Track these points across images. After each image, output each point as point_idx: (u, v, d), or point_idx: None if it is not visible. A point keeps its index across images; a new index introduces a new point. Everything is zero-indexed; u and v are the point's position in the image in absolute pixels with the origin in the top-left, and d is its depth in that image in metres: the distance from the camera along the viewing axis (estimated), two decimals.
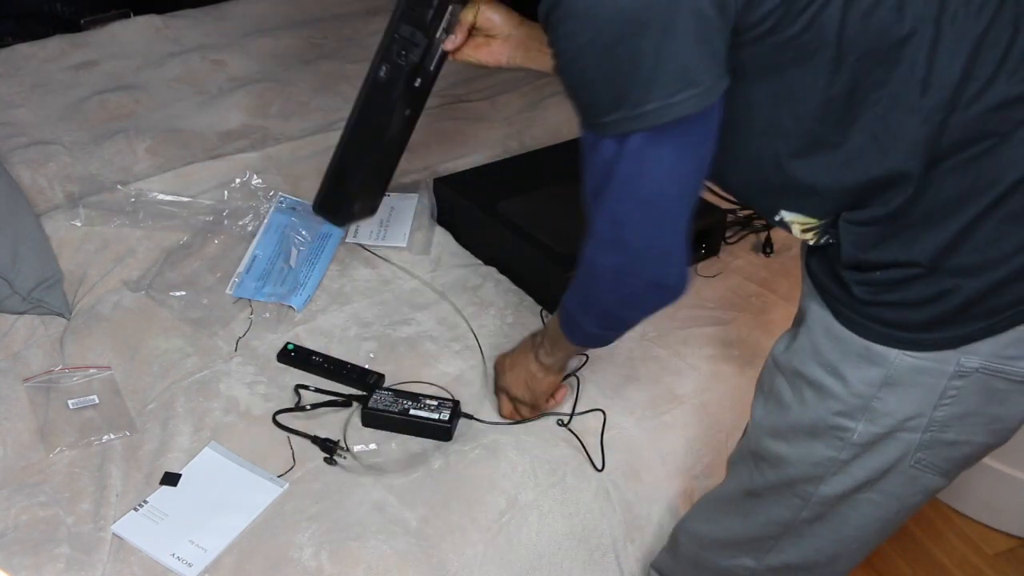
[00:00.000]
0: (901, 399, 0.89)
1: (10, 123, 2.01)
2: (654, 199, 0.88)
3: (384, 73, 1.17)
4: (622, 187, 0.86)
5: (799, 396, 0.96)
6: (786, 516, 1.04)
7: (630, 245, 0.92)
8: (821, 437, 0.95)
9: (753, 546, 1.11)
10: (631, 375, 1.46)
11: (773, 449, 1.01)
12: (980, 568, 1.78)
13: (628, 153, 0.83)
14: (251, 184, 1.76)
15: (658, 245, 0.92)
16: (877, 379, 0.89)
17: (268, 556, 1.16)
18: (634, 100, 0.79)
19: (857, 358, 0.90)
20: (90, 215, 1.69)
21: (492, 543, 1.21)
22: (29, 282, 1.49)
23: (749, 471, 1.07)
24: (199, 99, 2.17)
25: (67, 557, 1.14)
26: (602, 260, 0.95)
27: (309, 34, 2.52)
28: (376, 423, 1.33)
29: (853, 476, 0.96)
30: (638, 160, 0.84)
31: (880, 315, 0.88)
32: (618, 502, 1.30)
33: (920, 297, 0.85)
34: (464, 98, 2.23)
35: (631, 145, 0.83)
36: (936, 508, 1.88)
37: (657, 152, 0.84)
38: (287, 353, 1.44)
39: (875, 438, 0.92)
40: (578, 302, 1.07)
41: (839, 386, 0.92)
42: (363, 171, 1.23)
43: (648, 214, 0.89)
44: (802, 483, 1.00)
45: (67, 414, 1.33)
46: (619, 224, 0.90)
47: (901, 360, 0.88)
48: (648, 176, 0.86)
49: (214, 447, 1.29)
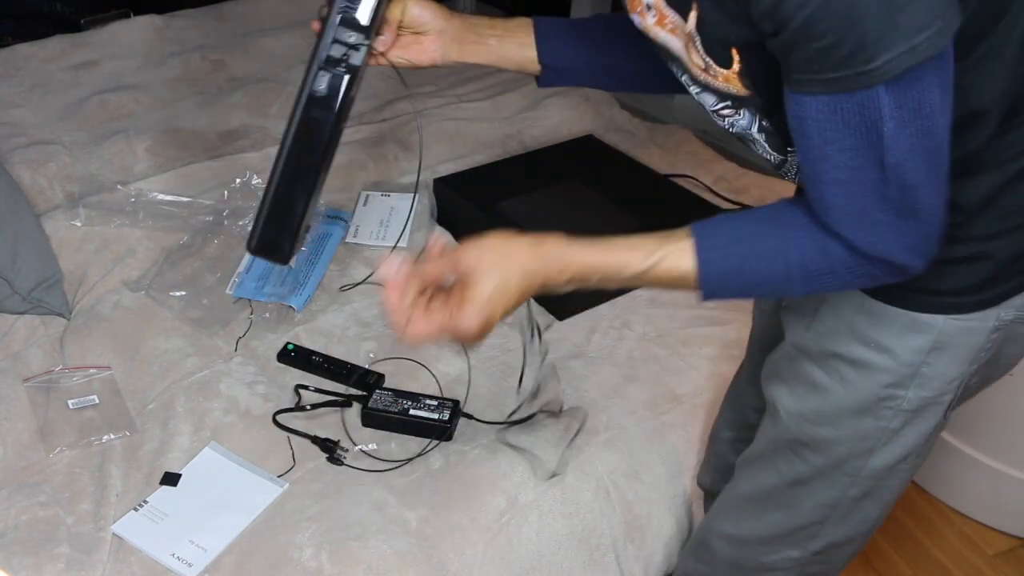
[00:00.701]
0: (948, 361, 0.90)
1: (10, 123, 2.01)
2: (937, 147, 0.75)
3: (324, 84, 1.11)
4: (906, 134, 0.72)
5: (838, 376, 0.95)
6: (834, 496, 1.03)
7: (922, 210, 0.77)
8: (870, 412, 0.95)
9: (798, 535, 1.09)
10: (631, 375, 1.46)
11: (818, 434, 0.99)
12: (980, 568, 1.78)
13: (908, 91, 0.70)
14: (251, 184, 1.76)
15: (942, 205, 0.78)
16: (926, 346, 0.90)
17: (268, 556, 1.16)
18: (912, 27, 0.67)
19: (902, 329, 0.90)
20: (90, 215, 1.69)
21: (492, 543, 1.21)
22: (29, 282, 1.49)
23: (788, 462, 1.04)
24: (199, 99, 2.17)
25: (67, 557, 1.14)
26: (869, 234, 0.78)
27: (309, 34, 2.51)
28: (376, 423, 1.33)
29: (902, 445, 0.96)
30: (915, 102, 0.71)
31: (926, 284, 0.87)
32: (618, 502, 1.30)
33: (968, 253, 0.86)
34: (464, 98, 2.23)
35: (903, 86, 0.70)
36: (936, 508, 1.88)
37: (929, 89, 0.71)
38: (287, 353, 1.44)
39: (924, 402, 0.93)
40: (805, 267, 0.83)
41: (886, 359, 0.91)
42: (308, 197, 1.14)
43: (936, 170, 0.76)
44: (852, 459, 0.99)
45: (67, 414, 1.33)
46: (909, 190, 0.75)
47: (948, 324, 0.88)
48: (930, 120, 0.72)
49: (214, 447, 1.29)
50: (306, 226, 1.14)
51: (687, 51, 0.83)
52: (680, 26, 0.82)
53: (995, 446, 1.77)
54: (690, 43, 0.81)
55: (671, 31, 0.84)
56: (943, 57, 0.70)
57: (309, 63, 1.09)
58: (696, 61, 0.83)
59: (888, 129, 0.71)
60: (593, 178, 1.83)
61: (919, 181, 0.75)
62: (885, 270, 0.81)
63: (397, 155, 1.97)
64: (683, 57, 0.85)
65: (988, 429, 1.75)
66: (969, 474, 1.82)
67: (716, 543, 1.19)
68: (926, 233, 0.79)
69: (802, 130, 0.75)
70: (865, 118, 0.71)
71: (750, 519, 1.13)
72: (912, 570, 1.77)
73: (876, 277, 0.82)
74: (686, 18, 0.80)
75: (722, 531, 1.18)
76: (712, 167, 2.02)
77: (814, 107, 0.72)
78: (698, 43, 0.80)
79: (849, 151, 0.74)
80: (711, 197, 1.88)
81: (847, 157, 0.74)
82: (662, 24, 0.84)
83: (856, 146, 0.73)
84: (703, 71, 0.83)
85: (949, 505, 1.89)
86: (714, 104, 0.88)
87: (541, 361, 1.44)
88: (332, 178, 1.96)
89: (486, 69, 1.19)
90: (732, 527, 1.16)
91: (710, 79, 0.83)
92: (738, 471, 1.15)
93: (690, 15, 0.79)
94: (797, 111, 0.74)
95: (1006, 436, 1.74)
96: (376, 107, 2.16)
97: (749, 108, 0.87)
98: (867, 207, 0.76)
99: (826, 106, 0.72)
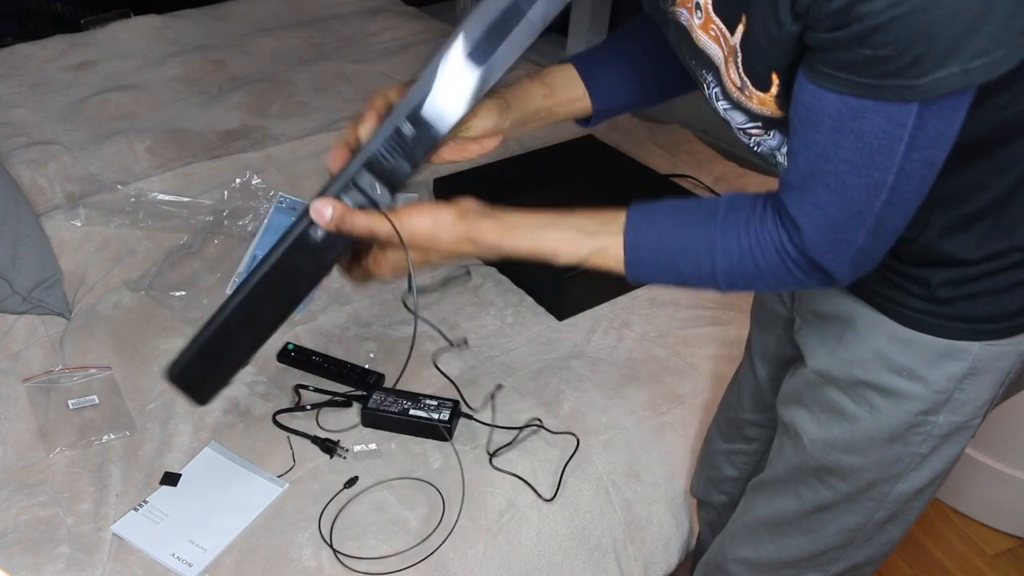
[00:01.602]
0: (981, 386, 0.90)
1: (10, 123, 2.01)
2: (932, 176, 0.74)
3: (321, 232, 0.87)
4: (914, 158, 0.71)
5: (867, 405, 0.94)
6: (858, 521, 1.01)
7: (886, 230, 0.77)
8: (900, 439, 0.93)
9: (820, 559, 1.07)
10: (631, 375, 1.46)
11: (844, 461, 0.97)
12: (980, 568, 1.78)
13: (938, 115, 0.68)
14: (251, 184, 1.76)
15: (902, 228, 0.78)
16: (960, 372, 0.89)
17: (268, 556, 1.16)
18: (973, 51, 0.64)
19: (937, 357, 0.88)
20: (90, 215, 1.69)
21: (492, 543, 1.21)
22: (29, 282, 1.49)
23: (812, 488, 1.02)
24: (199, 99, 2.17)
25: (67, 557, 1.14)
26: (829, 247, 0.77)
27: (309, 34, 2.52)
28: (376, 423, 1.33)
29: (931, 469, 0.95)
30: (938, 130, 0.70)
31: (963, 312, 0.86)
32: (618, 502, 1.30)
33: (1009, 282, 0.85)
34: None
35: (935, 110, 0.68)
36: (936, 508, 1.88)
37: (955, 121, 0.70)
38: (287, 353, 1.44)
39: (954, 428, 0.92)
40: (730, 273, 0.83)
41: (918, 387, 0.90)
42: (253, 348, 0.94)
43: (920, 198, 0.75)
44: (879, 485, 0.97)
45: (67, 414, 1.33)
46: (888, 208, 0.74)
47: (984, 351, 0.87)
48: (942, 151, 0.72)
49: (214, 447, 1.29)
50: (240, 369, 0.99)
51: (726, 65, 0.81)
52: (725, 36, 0.79)
53: (995, 447, 1.77)
54: (731, 57, 0.79)
55: (714, 38, 0.81)
56: (975, 88, 0.68)
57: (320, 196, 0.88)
58: (732, 78, 0.81)
59: (901, 149, 0.69)
60: (593, 178, 1.83)
61: (901, 203, 0.74)
62: (817, 279, 0.80)
63: None
64: (720, 68, 0.83)
65: (989, 430, 1.75)
66: (970, 474, 1.82)
67: (734, 568, 1.17)
68: (875, 251, 0.78)
69: (811, 122, 0.72)
70: (886, 132, 0.69)
71: (769, 544, 1.11)
72: (912, 570, 1.77)
73: (802, 284, 0.81)
74: (732, 31, 0.77)
75: (740, 556, 1.15)
76: (712, 167, 2.02)
77: (835, 105, 0.69)
78: (739, 60, 0.78)
79: (849, 164, 0.71)
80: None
81: (846, 168, 0.72)
82: (706, 28, 0.81)
83: (860, 162, 0.71)
84: (737, 89, 0.81)
85: (949, 505, 1.89)
86: (743, 123, 0.86)
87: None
88: None
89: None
90: (750, 552, 1.14)
91: (743, 99, 0.81)
92: (753, 494, 1.13)
93: (738, 28, 0.76)
94: (811, 102, 0.71)
95: (1006, 437, 1.74)
96: None
97: (780, 129, 0.85)
98: (841, 223, 0.75)
99: (849, 108, 0.69)
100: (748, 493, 1.14)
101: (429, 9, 2.98)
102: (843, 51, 0.67)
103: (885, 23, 0.63)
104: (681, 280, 0.84)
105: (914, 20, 0.63)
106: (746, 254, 0.80)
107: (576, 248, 0.85)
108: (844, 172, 0.72)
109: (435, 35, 2.56)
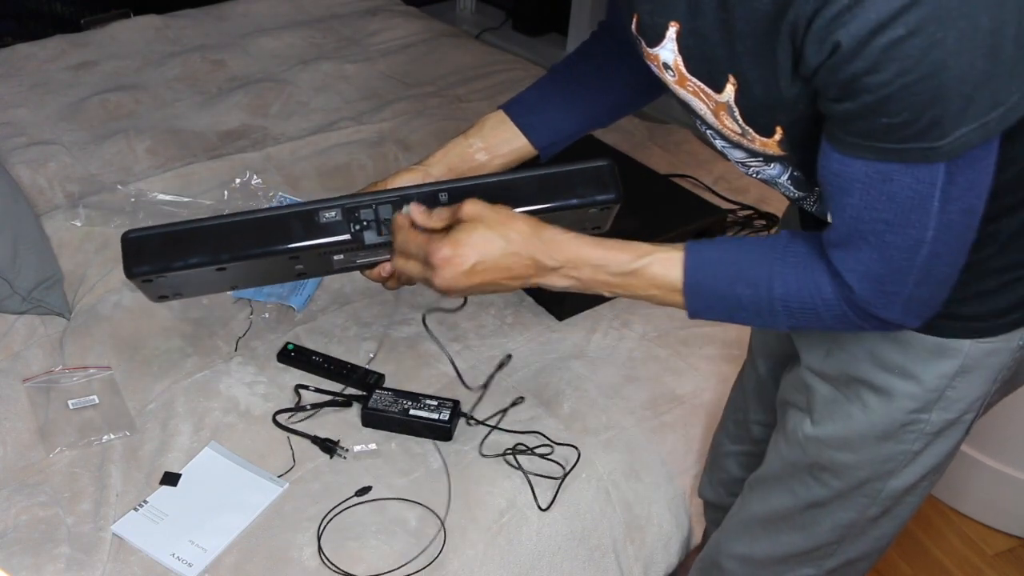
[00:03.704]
0: (972, 383, 0.90)
1: (10, 123, 2.01)
2: (974, 224, 0.73)
3: (331, 219, 0.93)
4: (950, 210, 0.71)
5: (860, 403, 0.94)
6: (852, 517, 1.02)
7: (936, 278, 0.76)
8: (893, 436, 0.94)
9: (814, 555, 1.08)
10: (631, 375, 1.46)
11: (837, 458, 0.97)
12: (980, 568, 1.78)
13: (966, 167, 0.69)
14: (251, 184, 1.76)
15: (957, 273, 0.77)
16: (951, 370, 0.89)
17: (268, 556, 1.16)
18: (987, 104, 0.65)
19: (928, 355, 0.89)
20: (90, 215, 1.69)
21: (492, 543, 1.21)
22: (29, 282, 1.49)
23: (805, 485, 1.02)
24: (199, 99, 2.17)
25: (67, 557, 1.14)
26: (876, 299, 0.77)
27: (309, 34, 2.52)
28: (376, 423, 1.33)
29: (923, 465, 0.95)
30: (969, 182, 0.70)
31: (953, 311, 0.86)
32: (618, 502, 1.30)
33: (998, 283, 0.85)
34: (464, 98, 2.23)
35: (962, 164, 0.68)
36: (936, 508, 1.88)
37: (985, 171, 0.70)
38: (287, 353, 1.44)
39: (946, 424, 0.92)
40: (788, 302, 0.81)
41: (911, 385, 0.90)
42: (209, 263, 0.93)
43: (966, 244, 0.75)
44: (872, 482, 0.98)
45: (67, 414, 1.33)
46: (934, 259, 0.74)
47: (975, 348, 0.88)
48: (979, 199, 0.72)
49: (214, 447, 1.29)
50: (178, 285, 0.96)
51: (716, 117, 0.81)
52: (707, 93, 0.79)
53: (995, 446, 1.77)
54: (723, 111, 0.79)
55: (693, 94, 0.81)
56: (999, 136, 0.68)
57: (349, 199, 0.94)
58: (730, 126, 0.81)
59: (935, 206, 0.70)
60: None
61: (946, 252, 0.74)
62: (874, 325, 0.80)
63: (397, 155, 1.97)
64: (708, 119, 0.83)
65: (988, 430, 1.75)
66: (969, 474, 1.82)
67: (729, 564, 1.17)
68: (931, 298, 0.78)
69: (842, 188, 0.72)
70: (917, 192, 0.69)
71: (764, 540, 1.11)
72: (912, 570, 1.77)
73: (861, 328, 0.81)
74: (719, 90, 0.77)
75: (735, 552, 1.16)
76: (712, 167, 2.02)
77: (862, 171, 0.70)
78: (736, 114, 0.78)
79: (886, 224, 0.72)
80: (711, 197, 1.88)
81: (883, 228, 0.72)
82: (683, 85, 0.81)
83: (896, 222, 0.71)
84: (738, 135, 0.81)
85: (949, 505, 1.89)
86: (742, 158, 0.87)
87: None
88: (333, 178, 1.97)
89: (486, 69, 1.18)
90: (745, 548, 1.14)
91: (745, 142, 0.81)
92: (749, 491, 1.14)
93: (726, 88, 0.76)
94: (840, 169, 0.71)
95: (1006, 437, 1.74)
96: (376, 107, 2.16)
97: (780, 162, 0.85)
98: (885, 277, 0.75)
99: (877, 173, 0.69)
100: (744, 489, 1.15)
101: (429, 9, 2.98)
102: (861, 121, 0.67)
103: (895, 92, 0.64)
104: (738, 303, 0.82)
105: (923, 87, 0.63)
106: (804, 286, 0.80)
107: (639, 255, 0.83)
108: (882, 231, 0.73)
109: (435, 35, 2.56)
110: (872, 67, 0.63)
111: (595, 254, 0.84)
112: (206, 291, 1.08)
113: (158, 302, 1.04)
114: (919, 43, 0.61)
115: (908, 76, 0.63)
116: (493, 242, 0.83)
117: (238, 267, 0.94)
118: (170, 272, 0.93)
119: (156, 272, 0.94)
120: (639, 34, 0.83)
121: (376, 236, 0.93)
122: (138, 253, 0.94)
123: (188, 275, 0.95)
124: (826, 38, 0.64)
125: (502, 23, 3.56)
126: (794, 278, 0.80)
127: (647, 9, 0.79)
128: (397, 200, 0.93)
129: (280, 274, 1.01)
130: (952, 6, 0.61)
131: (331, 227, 0.93)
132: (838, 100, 0.67)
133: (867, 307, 0.78)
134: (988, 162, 0.70)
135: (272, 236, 0.93)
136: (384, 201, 0.93)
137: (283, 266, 0.97)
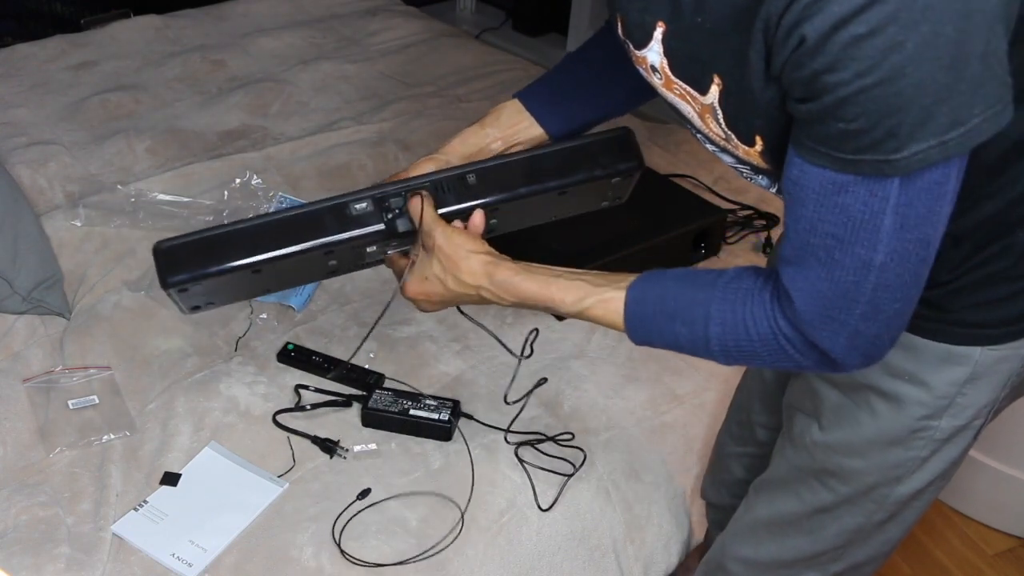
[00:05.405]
0: (982, 390, 0.90)
1: (10, 123, 2.01)
2: (928, 257, 0.71)
3: (362, 210, 0.94)
4: (905, 237, 0.69)
5: (869, 409, 0.94)
6: (858, 523, 1.01)
7: (885, 314, 0.74)
8: (901, 443, 0.93)
9: (820, 559, 1.07)
10: (631, 375, 1.46)
11: (845, 464, 0.97)
12: (980, 568, 1.78)
13: (924, 190, 0.67)
14: (251, 184, 1.76)
15: (907, 313, 0.75)
16: (961, 377, 0.89)
17: (268, 556, 1.16)
18: (947, 122, 0.63)
19: (938, 362, 0.89)
20: (90, 215, 1.69)
21: (492, 543, 1.21)
22: (29, 282, 1.49)
23: (812, 490, 1.02)
24: (199, 99, 2.17)
25: (67, 557, 1.14)
26: (821, 324, 0.75)
27: (309, 34, 2.52)
28: (376, 423, 1.33)
29: (931, 471, 0.95)
30: (926, 208, 0.68)
31: (963, 318, 0.86)
32: (618, 502, 1.30)
33: (1010, 291, 0.85)
34: (464, 98, 2.23)
35: (919, 187, 0.66)
36: (936, 508, 1.88)
37: (942, 198, 0.68)
38: (287, 353, 1.44)
39: (955, 431, 0.92)
40: (723, 341, 0.82)
41: (921, 392, 0.90)
42: (246, 268, 0.92)
43: (918, 280, 0.73)
44: (880, 487, 0.97)
45: (67, 414, 1.33)
46: (882, 290, 0.72)
47: (985, 355, 0.87)
48: (934, 229, 0.70)
49: (214, 447, 1.29)
50: (212, 292, 0.95)
51: (702, 120, 0.80)
52: (693, 95, 0.79)
53: (996, 447, 1.77)
54: (708, 114, 0.79)
55: (680, 97, 0.81)
56: (964, 159, 0.67)
57: (371, 192, 0.96)
58: (715, 130, 0.80)
59: (887, 225, 0.68)
60: None
61: (896, 285, 0.72)
62: (814, 359, 0.79)
63: (397, 155, 1.97)
64: (696, 123, 0.82)
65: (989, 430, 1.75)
66: (969, 475, 1.82)
67: (734, 567, 1.17)
68: (878, 338, 0.76)
69: (798, 196, 0.71)
70: (869, 207, 0.68)
71: (769, 544, 1.11)
72: (912, 570, 1.77)
73: (799, 364, 0.80)
74: (703, 91, 0.77)
75: (740, 555, 1.16)
76: (712, 167, 2.02)
77: (818, 179, 0.69)
78: (720, 117, 0.77)
79: (835, 239, 0.70)
80: (711, 197, 1.88)
81: (833, 243, 0.71)
82: (669, 88, 0.81)
83: (846, 238, 0.70)
84: (723, 140, 0.81)
85: (949, 505, 1.89)
86: (732, 163, 0.87)
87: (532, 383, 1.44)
88: (333, 178, 1.97)
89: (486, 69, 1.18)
90: (751, 551, 1.14)
91: (730, 147, 0.81)
92: (754, 495, 1.13)
93: (711, 88, 0.76)
94: (798, 176, 0.70)
95: (1007, 437, 1.74)
96: (376, 107, 2.16)
97: (767, 175, 0.85)
98: (831, 300, 0.74)
99: (831, 183, 0.68)
100: (750, 493, 1.15)
101: (429, 9, 2.98)
102: (820, 124, 0.66)
103: (852, 95, 0.63)
104: (677, 342, 0.85)
105: (881, 92, 0.62)
106: (739, 322, 0.80)
107: (581, 297, 0.88)
108: (832, 247, 0.71)
109: (435, 35, 2.56)
110: (832, 64, 0.62)
111: (543, 295, 0.90)
112: (239, 297, 1.06)
113: (190, 313, 1.03)
114: (879, 43, 0.60)
115: (866, 78, 0.62)
116: (443, 282, 0.94)
117: (272, 268, 0.94)
118: (207, 278, 0.92)
119: (193, 280, 0.92)
120: (626, 37, 0.83)
121: (408, 224, 0.94)
122: (172, 262, 0.92)
123: (223, 281, 0.93)
124: (793, 32, 0.63)
125: (502, 23, 3.57)
126: (730, 316, 0.80)
127: (638, 7, 0.78)
128: (428, 185, 0.94)
129: (313, 272, 1.02)
130: (916, 8, 0.59)
131: (364, 218, 0.94)
132: (802, 100, 0.66)
133: (810, 331, 0.76)
134: (947, 188, 0.68)
135: (307, 232, 0.93)
136: (414, 188, 0.94)
137: (317, 263, 0.97)
